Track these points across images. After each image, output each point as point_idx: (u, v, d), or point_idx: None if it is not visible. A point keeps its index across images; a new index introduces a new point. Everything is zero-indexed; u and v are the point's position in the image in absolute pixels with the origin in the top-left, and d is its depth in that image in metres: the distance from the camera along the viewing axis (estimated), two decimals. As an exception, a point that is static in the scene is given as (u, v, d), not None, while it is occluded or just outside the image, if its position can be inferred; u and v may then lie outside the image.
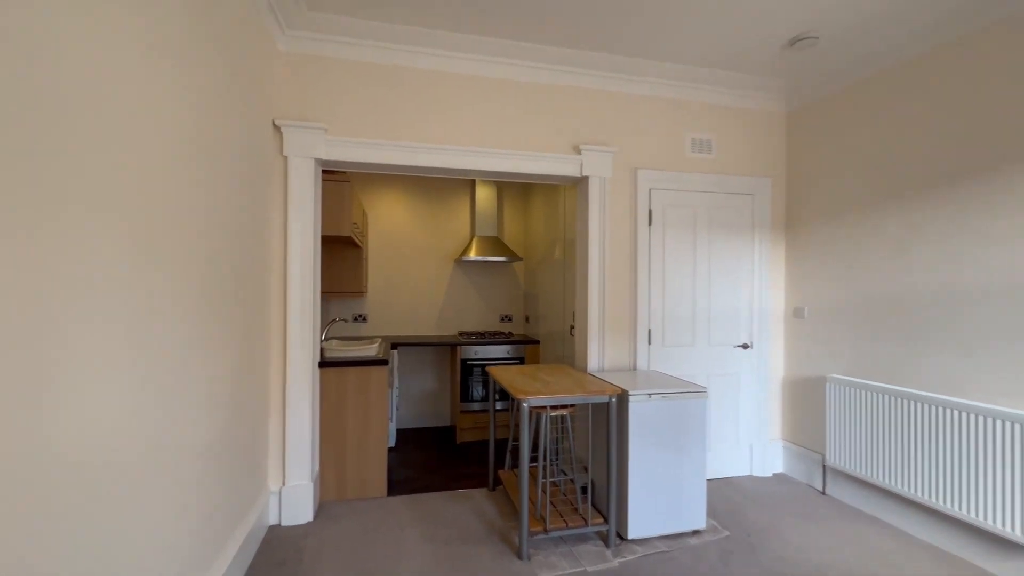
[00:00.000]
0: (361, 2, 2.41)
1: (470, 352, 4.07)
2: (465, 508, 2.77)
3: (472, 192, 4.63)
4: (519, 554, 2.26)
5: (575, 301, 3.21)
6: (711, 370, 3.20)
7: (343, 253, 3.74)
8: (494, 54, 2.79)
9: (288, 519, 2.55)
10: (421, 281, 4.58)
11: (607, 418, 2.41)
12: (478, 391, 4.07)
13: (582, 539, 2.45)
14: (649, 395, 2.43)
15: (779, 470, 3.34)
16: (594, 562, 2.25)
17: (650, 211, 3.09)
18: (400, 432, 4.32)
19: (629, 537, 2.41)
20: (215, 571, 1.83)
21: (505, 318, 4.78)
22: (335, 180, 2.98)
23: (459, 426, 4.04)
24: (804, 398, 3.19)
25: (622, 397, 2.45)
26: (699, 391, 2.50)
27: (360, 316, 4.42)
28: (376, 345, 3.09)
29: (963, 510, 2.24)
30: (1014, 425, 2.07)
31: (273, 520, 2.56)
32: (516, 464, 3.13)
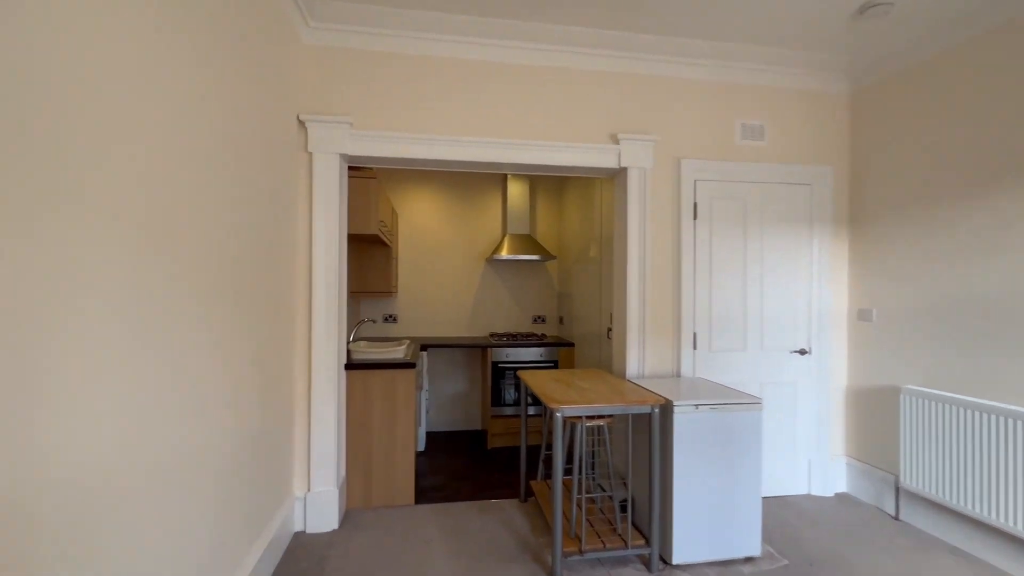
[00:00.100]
0: (386, -12, 2.31)
1: (501, 354, 3.92)
2: (495, 521, 2.62)
3: (504, 188, 4.48)
4: (552, 576, 2.10)
5: (612, 302, 3.00)
6: (764, 378, 2.92)
7: (372, 252, 3.67)
8: (525, 39, 2.62)
9: (313, 526, 2.48)
10: (452, 281, 4.47)
11: (649, 430, 2.20)
12: (510, 394, 3.92)
13: (621, 562, 2.25)
14: (696, 405, 2.21)
15: (842, 489, 3.01)
16: (635, 589, 2.05)
17: (695, 204, 2.84)
18: (430, 435, 4.22)
19: (674, 562, 2.19)
20: (235, 581, 1.75)
21: (538, 319, 4.61)
22: (361, 176, 2.89)
23: (490, 431, 3.90)
24: (872, 410, 2.86)
25: (666, 407, 2.23)
26: (753, 402, 2.25)
27: (390, 317, 4.35)
28: (403, 347, 2.98)
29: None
30: None
31: (299, 527, 2.48)
32: (549, 474, 2.95)
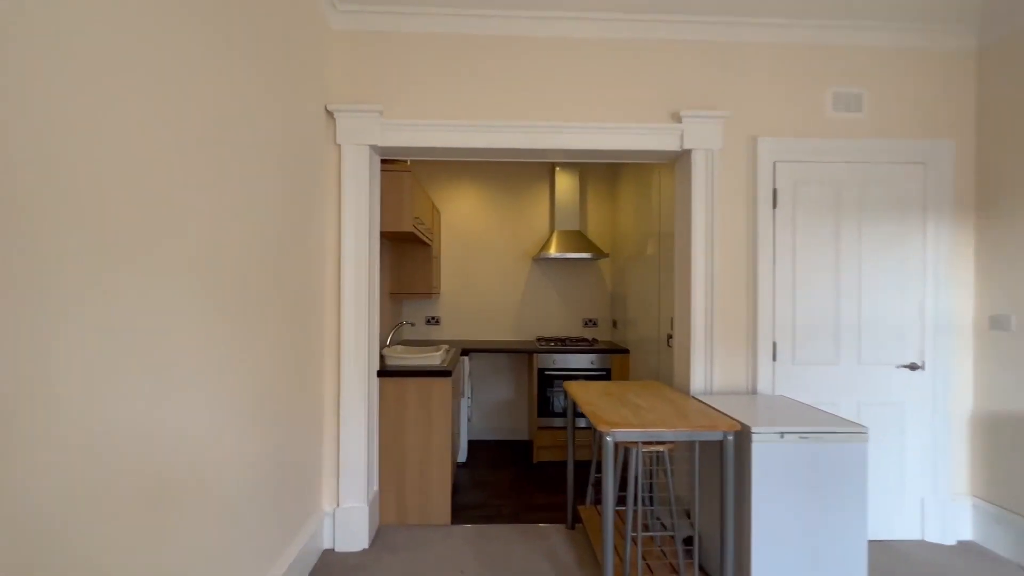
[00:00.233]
0: (416, -41, 2.10)
1: (548, 361, 3.62)
2: (538, 550, 2.34)
3: (551, 181, 4.18)
4: (602, 628, 1.78)
5: (674, 305, 2.62)
6: (862, 397, 2.43)
7: (412, 251, 3.51)
8: (573, 8, 2.32)
9: (342, 544, 2.31)
10: (497, 281, 4.23)
11: (721, 459, 1.83)
12: (559, 403, 3.61)
13: (686, 615, 1.89)
14: (781, 434, 1.81)
15: (966, 537, 2.45)
16: (704, 654, 1.69)
17: (775, 190, 2.41)
18: (473, 444, 4.00)
19: (752, 621, 1.81)
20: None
21: (589, 323, 4.26)
22: (393, 170, 2.71)
23: (536, 443, 3.61)
24: (1010, 441, 2.29)
25: (742, 434, 1.85)
26: (857, 431, 1.81)
27: (433, 319, 4.18)
28: (440, 352, 2.77)
29: None
30: None
31: (327, 544, 2.33)
32: (599, 499, 2.62)
